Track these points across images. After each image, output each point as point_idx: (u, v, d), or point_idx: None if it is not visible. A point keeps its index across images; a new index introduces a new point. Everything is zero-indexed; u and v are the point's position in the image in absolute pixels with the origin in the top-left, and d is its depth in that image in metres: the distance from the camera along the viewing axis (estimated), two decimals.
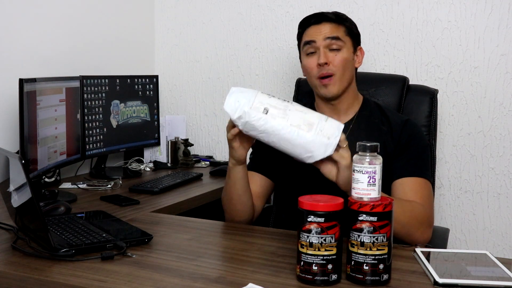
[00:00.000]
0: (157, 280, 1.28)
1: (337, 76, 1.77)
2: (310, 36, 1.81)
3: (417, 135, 1.80)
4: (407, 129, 1.80)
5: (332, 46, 1.78)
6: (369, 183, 1.26)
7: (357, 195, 1.27)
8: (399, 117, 1.85)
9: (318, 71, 1.77)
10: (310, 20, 1.83)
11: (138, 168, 2.69)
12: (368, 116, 1.84)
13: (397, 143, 1.77)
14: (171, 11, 3.02)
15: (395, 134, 1.79)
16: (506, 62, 2.38)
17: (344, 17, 1.85)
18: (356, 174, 1.27)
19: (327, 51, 1.78)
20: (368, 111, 1.85)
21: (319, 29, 1.80)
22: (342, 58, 1.77)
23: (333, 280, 1.25)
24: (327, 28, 1.79)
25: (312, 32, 1.81)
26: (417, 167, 1.73)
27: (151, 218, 1.84)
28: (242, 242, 1.58)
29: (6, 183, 1.57)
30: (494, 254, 1.43)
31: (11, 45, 2.26)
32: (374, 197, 1.26)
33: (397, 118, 1.84)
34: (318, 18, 1.82)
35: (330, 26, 1.80)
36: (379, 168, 1.27)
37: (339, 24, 1.81)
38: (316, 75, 1.79)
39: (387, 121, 1.82)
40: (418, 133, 1.82)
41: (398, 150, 1.76)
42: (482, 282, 1.24)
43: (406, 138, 1.78)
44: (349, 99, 1.84)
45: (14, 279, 1.32)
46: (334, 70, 1.77)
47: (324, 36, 1.78)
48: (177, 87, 3.06)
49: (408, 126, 1.81)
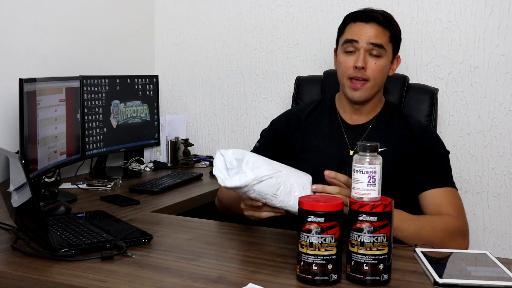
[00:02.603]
0: (157, 280, 1.28)
1: (370, 83, 1.75)
2: (354, 34, 1.75)
3: (439, 144, 1.82)
4: (428, 136, 1.80)
5: (373, 51, 1.74)
6: (369, 183, 1.26)
7: (357, 195, 1.27)
8: (419, 123, 1.87)
9: (353, 73, 1.74)
10: (358, 15, 1.77)
11: (138, 168, 2.69)
12: (388, 119, 1.84)
13: (420, 149, 1.77)
14: (171, 11, 3.02)
15: (417, 139, 1.78)
16: (506, 62, 2.38)
17: (392, 21, 1.80)
18: (356, 174, 1.27)
19: (367, 55, 1.74)
20: (389, 114, 1.85)
21: (365, 29, 1.74)
22: (380, 66, 1.75)
23: (333, 280, 1.25)
24: (373, 31, 1.74)
25: (356, 30, 1.75)
26: (444, 177, 1.74)
27: (151, 218, 1.84)
28: (242, 242, 1.58)
29: (6, 183, 1.57)
30: (494, 254, 1.43)
31: (11, 45, 2.26)
32: (374, 197, 1.26)
33: (417, 124, 1.85)
34: (367, 16, 1.75)
35: (376, 29, 1.74)
36: (379, 168, 1.27)
37: (386, 28, 1.76)
38: (349, 75, 1.76)
39: (408, 127, 1.81)
40: (439, 141, 1.83)
41: (422, 158, 1.76)
42: (482, 282, 1.24)
43: (429, 147, 1.77)
44: (374, 102, 1.83)
45: (14, 279, 1.32)
46: (369, 76, 1.74)
47: (368, 40, 1.73)
48: (177, 87, 3.06)
49: (429, 133, 1.82)
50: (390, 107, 1.88)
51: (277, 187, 1.42)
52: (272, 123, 1.96)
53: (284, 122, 1.91)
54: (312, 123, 1.88)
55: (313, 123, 1.88)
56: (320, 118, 1.88)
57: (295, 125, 1.88)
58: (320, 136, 1.85)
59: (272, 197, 1.43)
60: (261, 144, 1.92)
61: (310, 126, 1.87)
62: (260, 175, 1.39)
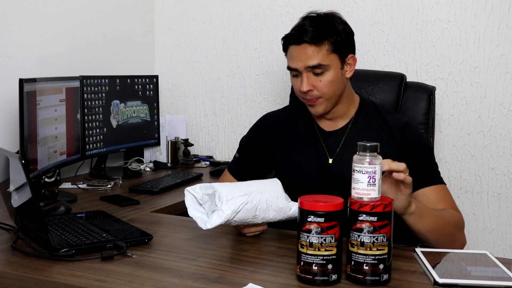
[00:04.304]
0: (157, 280, 1.28)
1: (324, 97, 1.72)
2: (292, 61, 1.72)
3: (421, 141, 1.77)
4: (408, 133, 1.75)
5: (315, 71, 1.69)
6: (369, 183, 1.26)
7: (357, 195, 1.27)
8: (397, 120, 1.80)
9: (303, 95, 1.72)
10: (291, 39, 1.72)
11: (138, 168, 2.69)
12: (365, 120, 1.80)
13: (401, 150, 1.73)
14: (171, 11, 3.02)
15: (397, 140, 1.74)
16: (506, 62, 2.38)
17: (327, 29, 1.69)
18: (356, 174, 1.27)
19: (311, 75, 1.69)
20: (366, 114, 1.81)
21: (299, 52, 1.69)
22: (327, 81, 1.70)
23: (333, 280, 1.25)
24: (307, 53, 1.67)
25: (293, 56, 1.71)
26: (432, 174, 1.72)
27: (151, 218, 1.84)
28: (242, 242, 1.58)
29: (6, 183, 1.57)
30: (494, 254, 1.43)
31: (11, 45, 2.26)
32: (374, 197, 1.26)
33: (396, 121, 1.79)
34: (297, 39, 1.69)
35: (310, 50, 1.67)
36: (379, 168, 1.27)
37: (319, 44, 1.67)
38: (302, 97, 1.74)
39: (386, 125, 1.77)
40: (420, 138, 1.78)
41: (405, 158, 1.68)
42: (482, 282, 1.24)
43: (411, 147, 1.73)
44: (343, 107, 1.79)
45: (14, 279, 1.32)
46: (320, 94, 1.71)
47: (305, 65, 1.68)
48: (177, 87, 3.06)
49: (407, 131, 1.76)
50: (366, 106, 1.83)
51: (255, 209, 1.52)
52: (250, 130, 1.95)
53: (261, 129, 1.89)
54: (289, 130, 1.85)
55: (290, 130, 1.85)
56: (296, 125, 1.85)
57: (272, 132, 1.87)
58: (298, 144, 1.82)
59: (252, 218, 1.53)
60: (240, 154, 1.93)
61: (287, 133, 1.84)
62: (235, 206, 1.49)
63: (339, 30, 1.71)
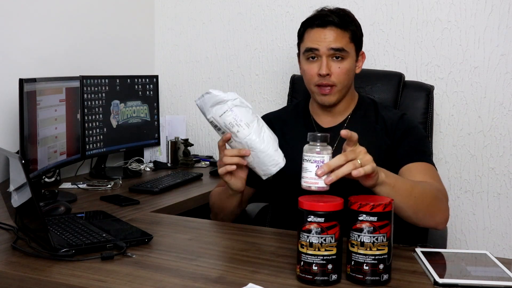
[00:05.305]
0: (157, 280, 1.28)
1: (337, 88, 1.72)
2: (313, 41, 1.71)
3: (414, 128, 1.77)
4: (402, 123, 1.76)
5: (335, 56, 1.70)
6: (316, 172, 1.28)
7: (306, 184, 1.30)
8: (394, 114, 1.81)
9: (319, 80, 1.72)
10: (315, 21, 1.72)
11: (138, 168, 2.69)
12: (363, 115, 1.81)
13: (393, 138, 1.74)
14: (171, 11, 3.02)
15: (390, 131, 1.75)
16: (506, 62, 2.39)
17: (349, 19, 1.75)
18: (305, 163, 1.30)
19: (330, 60, 1.70)
20: (363, 110, 1.82)
21: (324, 34, 1.70)
22: (345, 69, 1.71)
23: (333, 280, 1.25)
24: (332, 35, 1.69)
25: (315, 37, 1.71)
26: (420, 153, 1.69)
27: (151, 218, 1.84)
28: (242, 242, 1.58)
29: (6, 183, 1.57)
30: (494, 254, 1.43)
31: (11, 45, 2.26)
32: (322, 186, 1.29)
33: (392, 115, 1.80)
34: (323, 21, 1.70)
35: (335, 32, 1.70)
36: (327, 158, 1.29)
37: (344, 29, 1.71)
38: (315, 82, 1.73)
39: (382, 120, 1.78)
40: (415, 126, 1.78)
41: (395, 143, 1.72)
42: (482, 282, 1.24)
43: (402, 130, 1.74)
44: (345, 103, 1.80)
45: (14, 279, 1.32)
46: (335, 82, 1.71)
47: (328, 46, 1.68)
48: (177, 87, 3.06)
49: (403, 120, 1.77)
50: (364, 102, 1.84)
51: (252, 119, 1.54)
52: None
53: None
54: (288, 129, 1.85)
55: (289, 129, 1.85)
56: (294, 124, 1.85)
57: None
58: (295, 142, 1.81)
59: (245, 126, 1.53)
60: None
61: (286, 132, 1.84)
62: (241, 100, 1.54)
63: (356, 22, 1.77)
